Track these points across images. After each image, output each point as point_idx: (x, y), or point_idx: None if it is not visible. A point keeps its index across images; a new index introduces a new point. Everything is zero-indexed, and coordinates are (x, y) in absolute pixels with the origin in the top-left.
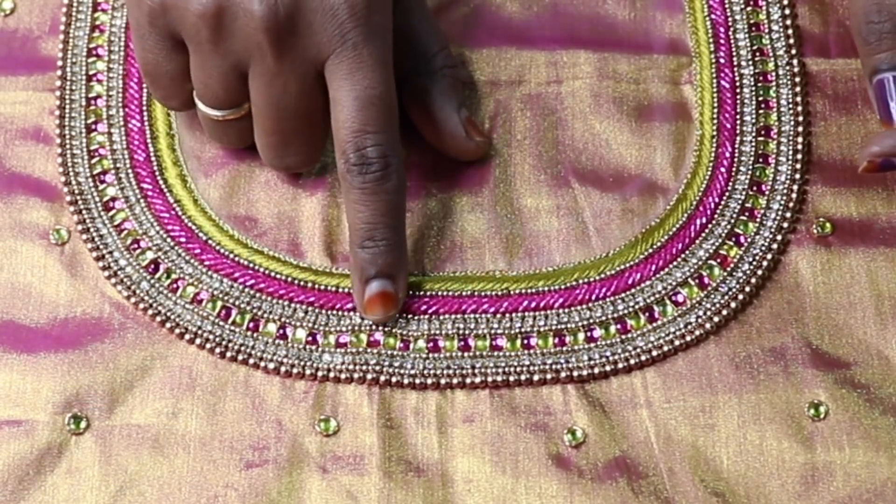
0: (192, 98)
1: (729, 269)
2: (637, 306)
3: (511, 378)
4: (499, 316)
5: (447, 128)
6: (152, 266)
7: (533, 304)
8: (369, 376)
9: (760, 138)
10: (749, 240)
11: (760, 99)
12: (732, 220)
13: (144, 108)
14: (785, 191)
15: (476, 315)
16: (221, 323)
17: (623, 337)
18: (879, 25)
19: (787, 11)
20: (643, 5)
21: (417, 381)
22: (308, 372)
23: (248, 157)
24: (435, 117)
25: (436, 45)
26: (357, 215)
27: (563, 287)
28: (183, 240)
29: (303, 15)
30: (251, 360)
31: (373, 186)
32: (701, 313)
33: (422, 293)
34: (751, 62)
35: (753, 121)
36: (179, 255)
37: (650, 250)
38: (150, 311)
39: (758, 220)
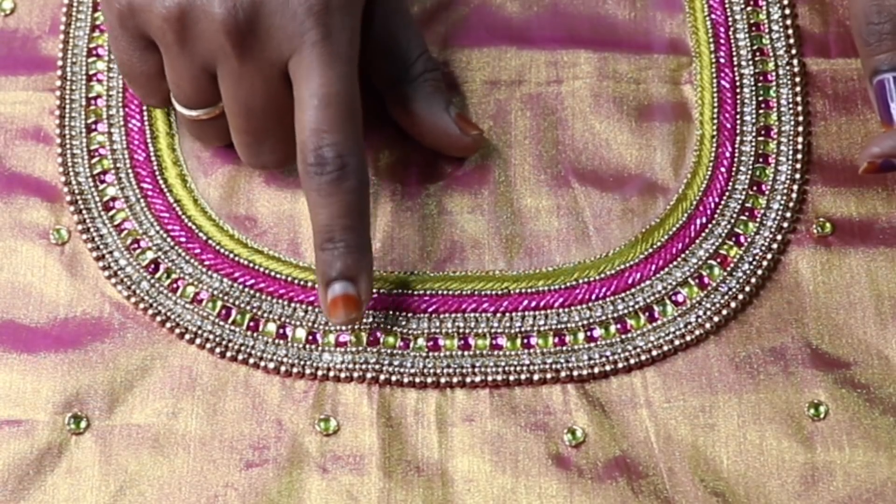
0: (169, 96)
1: (729, 268)
2: (637, 306)
3: (511, 377)
4: (499, 315)
5: (440, 128)
6: (152, 266)
7: (533, 304)
8: (369, 375)
9: (760, 138)
10: (749, 240)
11: (760, 99)
12: (732, 220)
13: (144, 107)
14: (785, 191)
15: (476, 314)
16: (221, 323)
17: (623, 337)
18: (879, 26)
19: (787, 11)
20: (643, 5)
21: (417, 379)
22: (308, 371)
23: None
24: (425, 121)
25: (415, 51)
26: (316, 217)
27: (563, 287)
28: (183, 239)
29: (263, 16)
30: (251, 360)
31: (328, 188)
32: (701, 313)
33: (422, 292)
34: (751, 62)
35: (753, 121)
36: (179, 254)
37: (650, 250)
38: (150, 311)
39: (758, 219)
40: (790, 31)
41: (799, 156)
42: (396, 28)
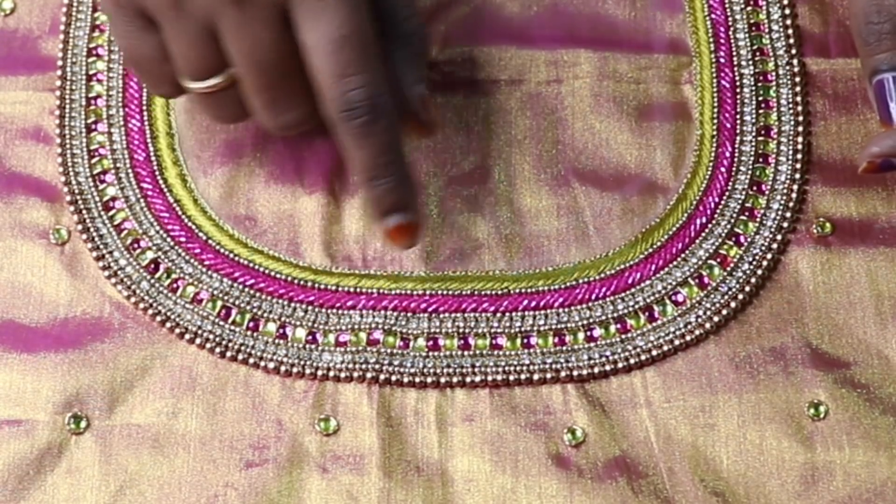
0: (178, 83)
1: (729, 268)
2: (637, 306)
3: (511, 377)
4: (499, 315)
5: (401, 95)
6: (152, 266)
7: (533, 304)
8: (369, 375)
9: (760, 138)
10: (749, 240)
11: (760, 99)
12: (732, 220)
13: (144, 107)
14: (785, 191)
15: (476, 314)
16: (221, 323)
17: (623, 336)
18: (879, 26)
19: (787, 11)
20: (643, 5)
21: (417, 379)
22: (308, 371)
23: (248, 156)
24: (392, 83)
25: (404, 11)
26: (355, 159)
27: (563, 286)
28: (183, 239)
29: None
30: (251, 360)
31: (363, 130)
32: (701, 313)
33: (422, 292)
34: (751, 62)
35: (753, 120)
36: (179, 254)
37: (650, 250)
38: (150, 311)
39: (758, 219)
40: (790, 31)
41: (799, 156)
42: None
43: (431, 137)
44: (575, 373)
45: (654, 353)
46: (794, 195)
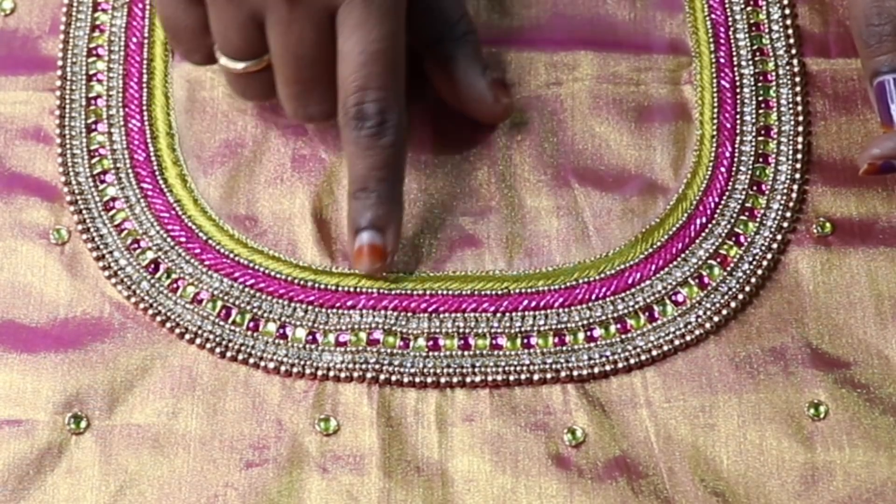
0: (213, 53)
1: (729, 268)
2: (637, 306)
3: (511, 377)
4: (499, 315)
5: (475, 92)
6: (152, 266)
7: (533, 304)
8: (369, 375)
9: (760, 138)
10: (749, 240)
11: (760, 99)
12: (732, 220)
13: (144, 107)
14: (785, 191)
15: (476, 314)
16: (221, 323)
17: (623, 337)
18: (880, 28)
19: (787, 11)
20: (643, 5)
21: (417, 379)
22: (308, 371)
23: (247, 156)
24: (461, 83)
25: (458, 11)
26: (353, 167)
27: (563, 287)
28: (183, 239)
29: None
30: (251, 360)
31: (367, 141)
32: (701, 313)
33: (422, 292)
34: (751, 62)
35: (753, 121)
36: (179, 254)
37: (650, 250)
38: (150, 311)
39: (758, 219)
40: (790, 31)
41: (799, 156)
42: None
43: (506, 118)
44: (575, 373)
45: (655, 353)
46: (794, 195)
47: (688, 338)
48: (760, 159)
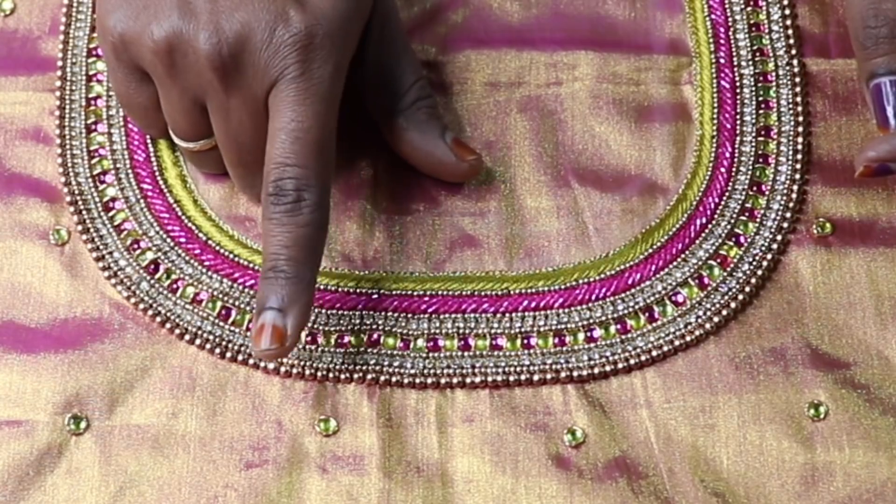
0: (167, 128)
1: (729, 269)
2: (637, 306)
3: (511, 378)
4: (499, 315)
5: (436, 157)
6: (152, 266)
7: (533, 304)
8: (369, 376)
9: (760, 138)
10: (749, 240)
11: (760, 99)
12: (732, 221)
13: None
14: (785, 191)
15: (476, 315)
16: (221, 323)
17: (623, 337)
18: (876, 30)
19: (787, 11)
20: (643, 5)
21: (417, 380)
22: (308, 372)
23: None
24: (420, 150)
25: (409, 80)
26: (265, 244)
27: (563, 287)
28: (183, 240)
29: (247, 52)
30: (251, 361)
31: (282, 217)
32: (701, 313)
33: (422, 292)
34: (751, 62)
35: (753, 121)
36: (179, 255)
37: (650, 250)
38: (150, 312)
39: (758, 220)
40: (790, 32)
41: (799, 156)
42: (389, 57)
43: (477, 176)
44: (575, 373)
45: (654, 353)
46: (794, 195)
47: (688, 338)
48: (760, 160)
